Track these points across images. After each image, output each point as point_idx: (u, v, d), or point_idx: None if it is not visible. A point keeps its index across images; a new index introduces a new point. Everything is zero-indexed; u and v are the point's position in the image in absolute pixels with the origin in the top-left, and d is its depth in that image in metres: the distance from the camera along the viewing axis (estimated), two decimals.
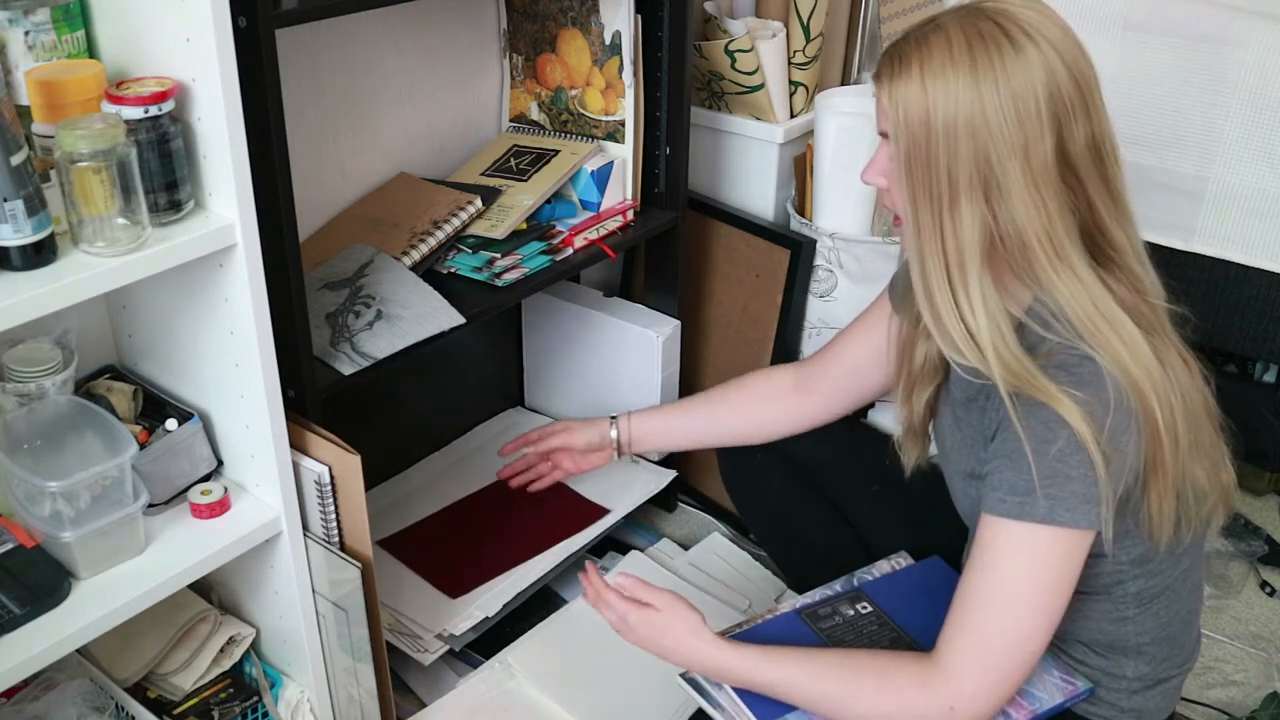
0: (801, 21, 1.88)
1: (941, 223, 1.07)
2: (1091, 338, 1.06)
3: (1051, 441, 1.05)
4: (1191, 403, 1.12)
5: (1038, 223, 1.06)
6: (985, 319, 1.08)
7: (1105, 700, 1.25)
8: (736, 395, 1.56)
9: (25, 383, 1.24)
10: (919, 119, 1.05)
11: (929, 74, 1.04)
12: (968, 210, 1.06)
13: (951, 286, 1.09)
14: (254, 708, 1.45)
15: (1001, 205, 1.06)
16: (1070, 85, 1.05)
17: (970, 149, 1.04)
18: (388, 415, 1.88)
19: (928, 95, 1.04)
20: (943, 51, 1.04)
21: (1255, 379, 2.00)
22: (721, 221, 1.97)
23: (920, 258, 1.11)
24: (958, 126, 1.04)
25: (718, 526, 2.03)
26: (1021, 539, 1.08)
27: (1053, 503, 1.05)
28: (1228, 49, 1.69)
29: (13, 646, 1.12)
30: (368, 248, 1.57)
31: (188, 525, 1.29)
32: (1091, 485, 1.05)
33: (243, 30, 1.12)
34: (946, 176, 1.05)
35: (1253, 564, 1.98)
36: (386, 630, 1.53)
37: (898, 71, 1.06)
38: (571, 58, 1.75)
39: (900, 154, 1.08)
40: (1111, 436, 1.04)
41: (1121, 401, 1.05)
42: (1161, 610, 1.22)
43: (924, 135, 1.05)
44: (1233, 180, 1.72)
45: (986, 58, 1.03)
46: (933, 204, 1.07)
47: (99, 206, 1.05)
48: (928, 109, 1.04)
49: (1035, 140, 1.04)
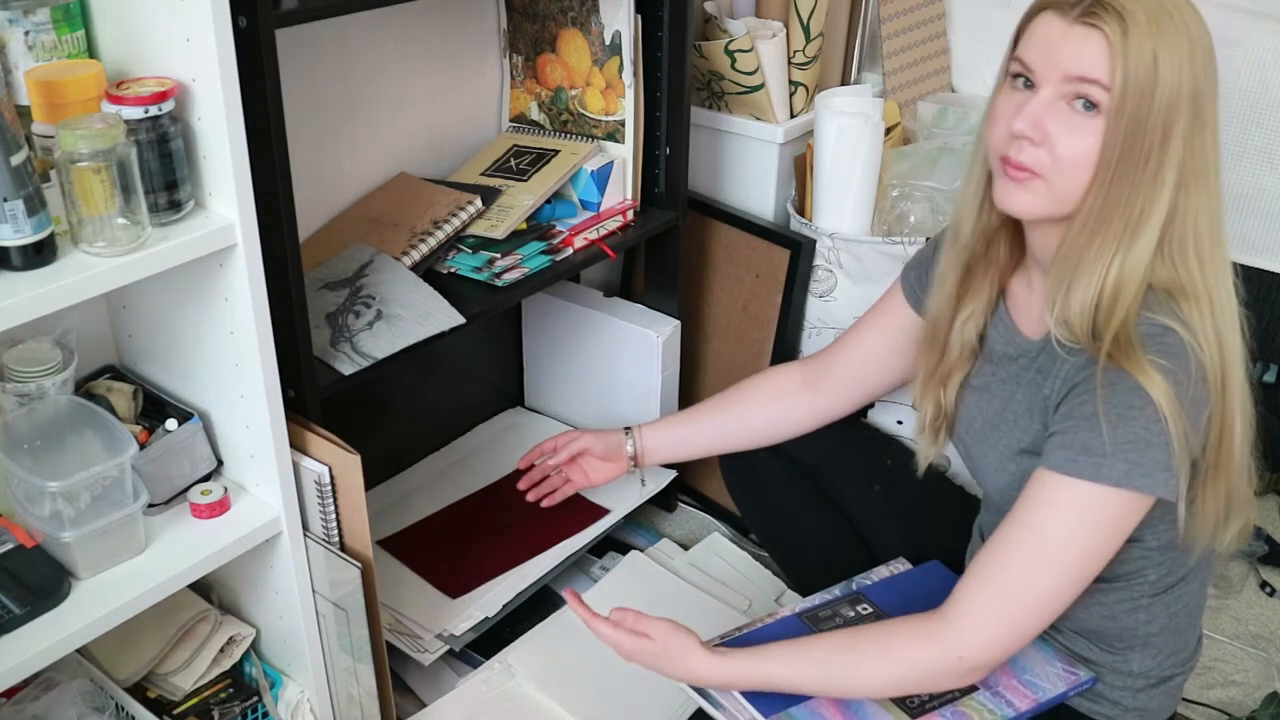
0: (801, 21, 1.88)
1: (1138, 188, 1.04)
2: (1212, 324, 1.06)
3: (1137, 409, 1.03)
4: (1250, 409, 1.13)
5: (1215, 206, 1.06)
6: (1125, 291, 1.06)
7: (1109, 699, 1.25)
8: (744, 400, 1.55)
9: (25, 383, 1.24)
10: (1148, 78, 1.01)
11: (1159, 34, 1.00)
12: (1170, 178, 1.03)
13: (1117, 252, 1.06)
14: (254, 708, 1.45)
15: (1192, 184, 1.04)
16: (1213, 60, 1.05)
17: (1185, 120, 1.02)
18: (388, 415, 1.88)
19: (1158, 55, 1.00)
20: (1165, 13, 1.01)
21: (1255, 379, 2.00)
22: (721, 221, 1.97)
23: (1096, 219, 1.06)
24: (1180, 95, 1.01)
25: (718, 526, 2.03)
26: (1085, 499, 1.06)
27: (1131, 466, 1.04)
28: (1228, 49, 1.69)
29: (13, 646, 1.12)
30: (368, 248, 1.57)
31: (188, 525, 1.29)
32: (1170, 454, 1.03)
33: (243, 30, 1.12)
34: (1160, 142, 1.02)
35: (1253, 564, 1.98)
36: (386, 630, 1.53)
37: (1130, 24, 1.00)
38: (571, 58, 1.75)
39: (1121, 110, 1.02)
40: (1192, 409, 1.04)
41: (1203, 375, 1.04)
42: (1172, 600, 1.22)
43: (1150, 95, 1.01)
44: (1233, 180, 1.73)
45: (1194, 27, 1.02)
46: (1137, 167, 1.03)
47: (99, 206, 1.05)
48: (1157, 70, 1.00)
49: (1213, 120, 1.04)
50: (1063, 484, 1.07)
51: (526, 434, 2.05)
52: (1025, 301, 1.22)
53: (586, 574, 1.86)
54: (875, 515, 1.56)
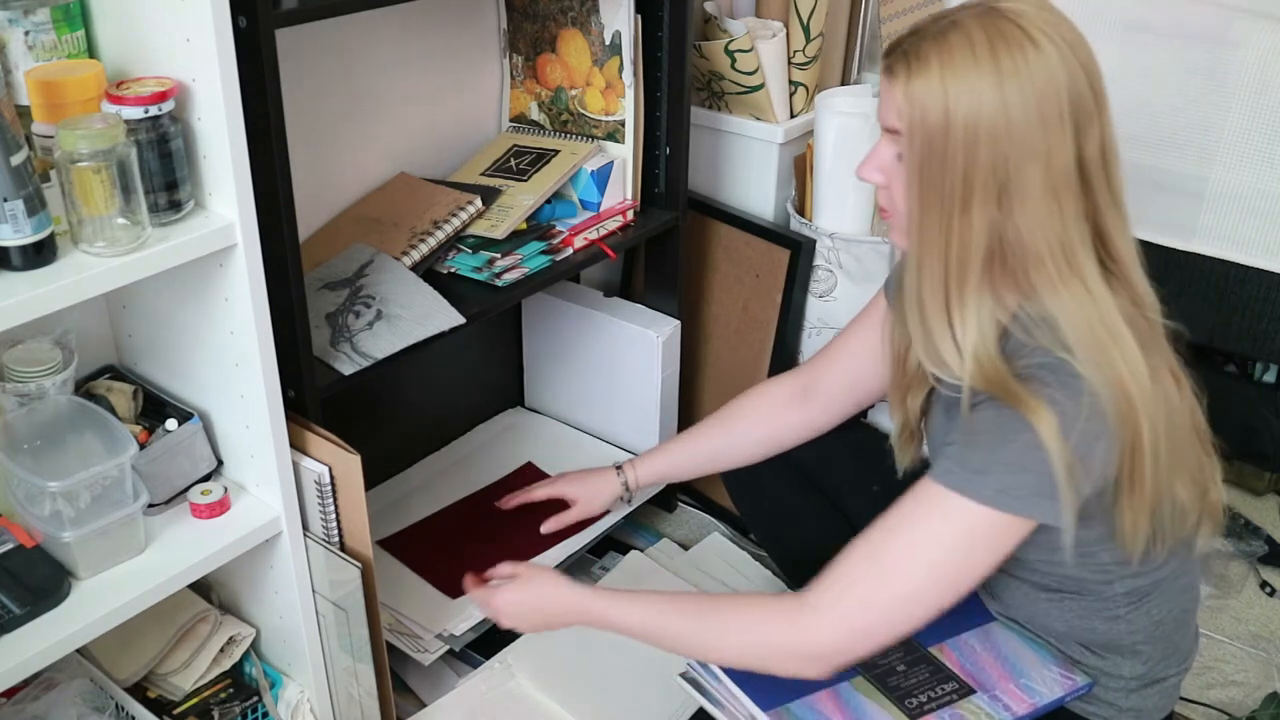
0: (801, 21, 1.88)
1: (949, 227, 1.05)
2: (1087, 351, 1.04)
3: (1016, 434, 1.04)
4: (1178, 421, 1.10)
5: (1051, 231, 1.04)
6: (975, 328, 1.08)
7: (1103, 699, 1.25)
8: (736, 419, 1.55)
9: (25, 383, 1.24)
10: (937, 118, 1.02)
11: (950, 72, 1.02)
12: (979, 215, 1.04)
13: (947, 293, 1.08)
14: (254, 708, 1.45)
15: (1015, 212, 1.04)
16: (1087, 88, 1.03)
17: (990, 152, 1.02)
18: (388, 415, 1.88)
19: (948, 94, 1.02)
20: (964, 50, 1.02)
21: (1255, 379, 2.00)
22: (721, 221, 1.97)
23: (919, 261, 1.09)
24: (979, 128, 1.01)
25: (718, 526, 2.03)
26: (957, 511, 1.06)
27: (1003, 488, 1.05)
28: (1228, 49, 1.69)
29: (13, 646, 1.12)
30: (368, 248, 1.57)
31: (188, 525, 1.29)
32: (1047, 482, 1.03)
33: (243, 30, 1.12)
34: (961, 179, 1.03)
35: (1253, 564, 1.98)
36: (386, 630, 1.53)
37: (915, 68, 1.03)
38: (571, 58, 1.75)
39: (913, 153, 1.05)
40: (1080, 444, 1.03)
41: (1096, 410, 1.03)
42: (1154, 609, 1.22)
43: (942, 135, 1.03)
44: (1233, 180, 1.72)
45: (1010, 58, 1.01)
46: (942, 207, 1.05)
47: (99, 206, 1.05)
48: (947, 108, 1.02)
49: (1058, 145, 1.02)
50: (938, 493, 1.08)
51: (526, 434, 2.05)
52: None
53: (587, 574, 1.86)
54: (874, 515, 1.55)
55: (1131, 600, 1.21)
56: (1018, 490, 1.04)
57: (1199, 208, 1.76)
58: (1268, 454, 1.98)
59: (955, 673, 1.26)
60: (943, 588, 1.09)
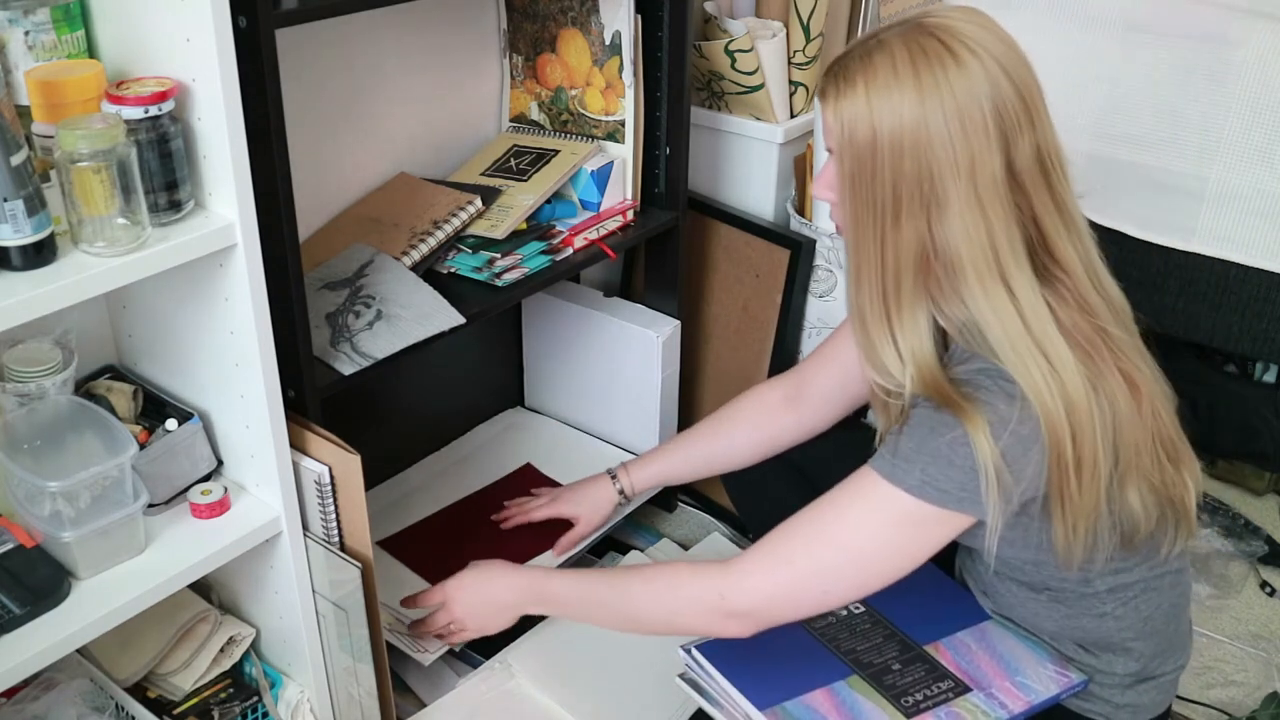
0: (801, 21, 1.88)
1: (882, 240, 1.08)
2: (1007, 361, 1.06)
3: (946, 429, 1.06)
4: (1129, 432, 1.10)
5: (974, 241, 1.06)
6: (914, 335, 1.10)
7: (1099, 696, 1.25)
8: (730, 423, 1.57)
9: (25, 383, 1.24)
10: (864, 136, 1.05)
11: (874, 91, 1.04)
12: (908, 227, 1.07)
13: (885, 303, 1.11)
14: (254, 708, 1.45)
15: (940, 223, 1.06)
16: (1015, 97, 1.05)
17: (914, 166, 1.04)
18: (388, 415, 1.88)
19: (873, 112, 1.04)
20: (887, 68, 1.04)
21: (1255, 379, 2.00)
22: (721, 221, 1.97)
23: (857, 274, 1.12)
24: (903, 143, 1.04)
25: (718, 526, 2.03)
26: (884, 496, 1.10)
27: (926, 479, 1.07)
28: (1228, 49, 1.69)
29: (13, 646, 1.12)
30: (368, 248, 1.57)
31: (188, 525, 1.29)
32: (973, 478, 1.06)
33: (243, 30, 1.12)
34: (891, 193, 1.06)
35: (1253, 564, 1.98)
36: (386, 630, 1.53)
37: (843, 89, 1.06)
38: (571, 58, 1.75)
39: (845, 171, 1.08)
40: (1010, 448, 1.05)
41: (1029, 416, 1.04)
42: (1142, 605, 1.22)
43: (869, 152, 1.06)
44: (1233, 180, 1.72)
45: (930, 73, 1.03)
46: (875, 221, 1.08)
47: (99, 206, 1.05)
48: (873, 126, 1.05)
49: (982, 155, 1.04)
50: (869, 477, 1.12)
51: (526, 434, 2.05)
52: None
53: None
54: None
55: (1117, 598, 1.21)
56: (943, 484, 1.07)
57: (1199, 208, 1.76)
58: (1268, 454, 1.98)
59: (951, 671, 1.26)
60: (864, 569, 1.13)
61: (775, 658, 1.27)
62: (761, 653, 1.26)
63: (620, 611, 1.28)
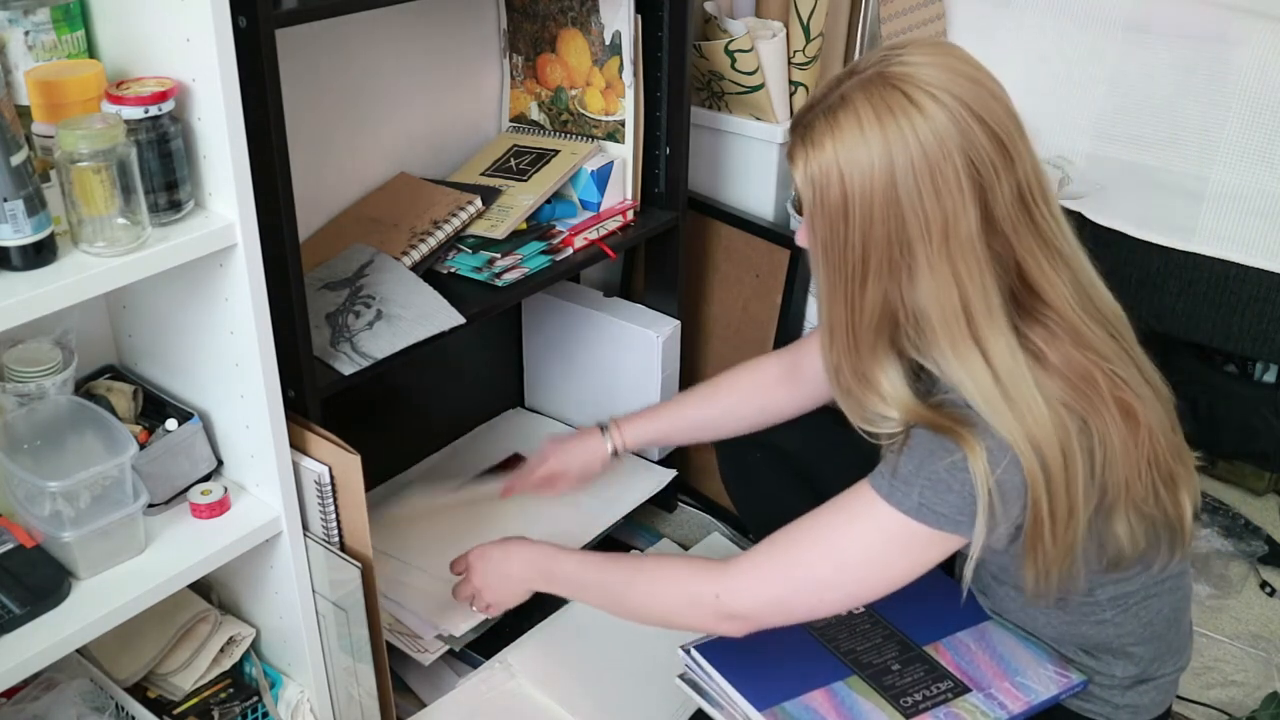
0: (801, 21, 1.88)
1: (850, 300, 1.07)
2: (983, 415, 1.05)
3: (946, 454, 1.06)
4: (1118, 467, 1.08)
5: (945, 304, 1.04)
6: (889, 386, 1.10)
7: (1099, 697, 1.25)
8: (726, 392, 1.57)
9: (25, 383, 1.24)
10: (835, 200, 1.03)
11: (842, 152, 1.02)
12: (874, 290, 1.06)
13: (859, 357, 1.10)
14: (254, 708, 1.45)
15: (909, 286, 1.04)
16: (988, 142, 1.00)
17: (884, 229, 1.02)
18: (388, 415, 1.88)
19: (843, 176, 1.02)
20: (853, 128, 1.01)
21: (1255, 379, 2.00)
22: (721, 221, 1.97)
23: (830, 330, 1.11)
24: (873, 206, 1.02)
25: (717, 526, 2.03)
26: (881, 515, 1.10)
27: (924, 502, 1.07)
28: (1228, 49, 1.69)
29: (13, 646, 1.12)
30: (368, 248, 1.57)
31: (188, 525, 1.29)
32: (970, 503, 1.05)
33: (243, 30, 1.12)
34: (860, 256, 1.04)
35: (1253, 564, 1.98)
36: (386, 630, 1.53)
37: (811, 153, 1.04)
38: (571, 58, 1.75)
39: (814, 232, 1.07)
40: (1003, 478, 1.04)
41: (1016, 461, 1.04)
42: (1141, 611, 1.22)
43: (840, 215, 1.03)
44: (1233, 180, 1.72)
45: (897, 129, 1.00)
46: (844, 283, 1.07)
47: (99, 206, 1.05)
48: (844, 190, 1.02)
49: (956, 214, 1.01)
50: (867, 496, 1.12)
51: (526, 434, 2.05)
52: None
53: None
54: None
55: (1117, 605, 1.21)
56: (939, 507, 1.07)
57: (1199, 208, 1.76)
58: (1268, 454, 1.98)
59: (950, 671, 1.26)
60: (857, 583, 1.14)
61: (774, 658, 1.27)
62: (761, 653, 1.26)
63: (620, 601, 1.29)
